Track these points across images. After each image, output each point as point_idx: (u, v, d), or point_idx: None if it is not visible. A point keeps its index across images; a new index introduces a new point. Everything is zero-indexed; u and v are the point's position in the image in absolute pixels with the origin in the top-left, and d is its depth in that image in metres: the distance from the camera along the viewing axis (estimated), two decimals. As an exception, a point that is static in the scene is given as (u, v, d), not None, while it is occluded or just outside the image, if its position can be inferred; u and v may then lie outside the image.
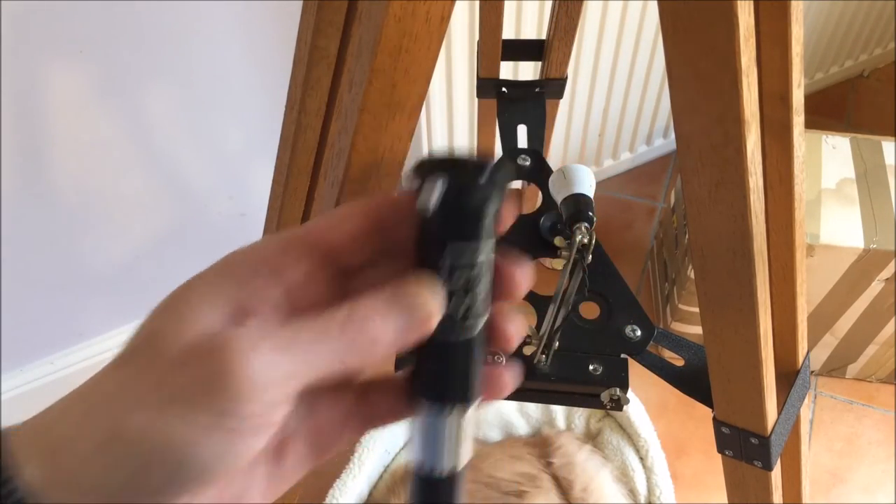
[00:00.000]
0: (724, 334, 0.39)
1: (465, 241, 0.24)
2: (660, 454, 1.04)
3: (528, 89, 0.68)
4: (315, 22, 0.39)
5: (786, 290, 0.44)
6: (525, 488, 0.97)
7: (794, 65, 0.35)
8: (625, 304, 0.49)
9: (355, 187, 0.35)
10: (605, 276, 0.50)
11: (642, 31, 1.23)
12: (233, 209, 1.16)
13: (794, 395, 0.47)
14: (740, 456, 0.47)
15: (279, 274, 0.25)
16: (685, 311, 1.21)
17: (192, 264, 1.02)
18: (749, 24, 0.28)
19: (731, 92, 0.29)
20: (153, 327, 0.24)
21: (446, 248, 0.24)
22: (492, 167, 0.23)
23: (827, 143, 1.14)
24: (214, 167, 1.09)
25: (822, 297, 1.11)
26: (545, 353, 0.46)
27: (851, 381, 1.29)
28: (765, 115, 0.36)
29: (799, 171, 0.39)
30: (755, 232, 0.33)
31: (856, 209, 1.05)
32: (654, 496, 1.02)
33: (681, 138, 0.32)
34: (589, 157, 1.47)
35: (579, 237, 0.46)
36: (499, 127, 0.65)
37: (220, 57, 0.96)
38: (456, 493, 0.27)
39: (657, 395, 1.24)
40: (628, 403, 0.55)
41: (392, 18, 0.29)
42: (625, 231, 1.50)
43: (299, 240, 0.26)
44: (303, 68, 0.41)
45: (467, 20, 1.00)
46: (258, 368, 0.22)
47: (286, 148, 0.45)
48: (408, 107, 0.33)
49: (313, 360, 0.22)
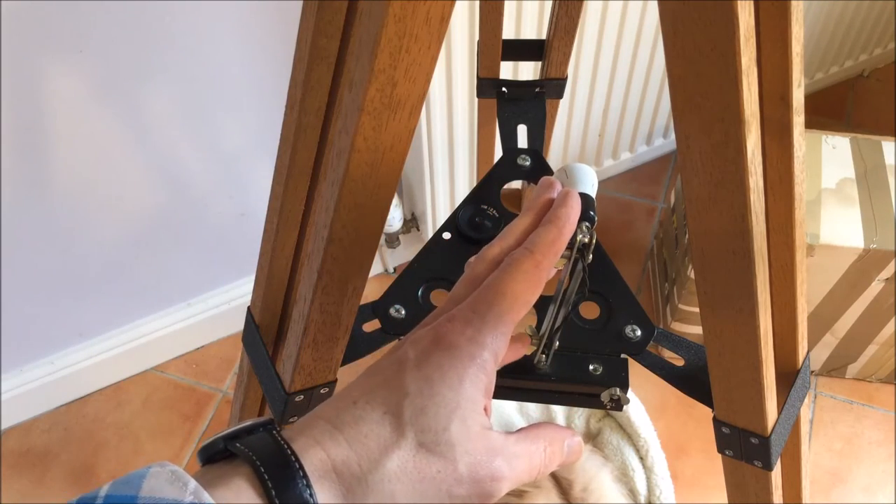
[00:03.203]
0: (724, 334, 0.39)
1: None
2: (660, 454, 1.04)
3: (528, 89, 0.68)
4: (315, 22, 0.39)
5: (786, 290, 0.44)
6: (525, 488, 0.97)
7: (794, 65, 0.35)
8: (625, 304, 0.49)
9: (355, 187, 0.35)
10: (605, 276, 0.50)
11: (642, 31, 1.23)
12: (233, 209, 1.16)
13: (794, 395, 0.47)
14: (740, 456, 0.47)
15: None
16: (685, 311, 1.21)
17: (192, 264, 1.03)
18: (749, 24, 0.28)
19: (731, 92, 0.29)
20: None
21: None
22: None
23: (827, 143, 1.14)
24: (214, 167, 1.09)
25: (822, 297, 1.11)
26: (545, 353, 0.46)
27: (851, 381, 1.29)
28: (765, 115, 0.36)
29: (799, 171, 0.39)
30: (755, 232, 0.33)
31: (856, 209, 1.05)
32: (654, 496, 1.02)
33: (681, 138, 0.32)
34: (589, 157, 1.47)
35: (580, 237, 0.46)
36: (499, 127, 0.65)
37: (220, 57, 0.96)
38: None
39: (657, 395, 1.24)
40: (628, 403, 0.55)
41: (392, 18, 0.29)
42: (625, 231, 1.50)
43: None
44: (303, 68, 0.41)
45: (467, 20, 1.00)
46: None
47: (286, 148, 0.45)
48: (408, 107, 0.33)
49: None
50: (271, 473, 0.28)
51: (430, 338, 0.32)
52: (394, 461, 0.29)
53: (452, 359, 0.31)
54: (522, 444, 0.33)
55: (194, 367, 1.31)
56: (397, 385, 0.31)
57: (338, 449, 0.29)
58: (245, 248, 1.20)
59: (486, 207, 0.55)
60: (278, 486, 0.28)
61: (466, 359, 0.31)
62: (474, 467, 0.30)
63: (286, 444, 0.29)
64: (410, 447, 0.29)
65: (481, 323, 0.32)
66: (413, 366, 0.31)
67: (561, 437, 0.35)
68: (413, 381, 0.31)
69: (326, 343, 0.43)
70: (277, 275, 0.51)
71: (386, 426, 0.30)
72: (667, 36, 0.28)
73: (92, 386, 1.26)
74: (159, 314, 1.26)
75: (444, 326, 0.32)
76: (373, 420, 0.30)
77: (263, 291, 0.52)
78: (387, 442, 0.29)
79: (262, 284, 0.52)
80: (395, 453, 0.29)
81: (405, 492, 0.29)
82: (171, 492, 0.26)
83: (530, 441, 0.33)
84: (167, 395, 1.28)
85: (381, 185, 0.36)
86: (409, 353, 0.32)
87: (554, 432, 0.35)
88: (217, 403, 1.26)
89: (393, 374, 0.31)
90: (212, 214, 1.14)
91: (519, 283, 0.34)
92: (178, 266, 1.19)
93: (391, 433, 0.30)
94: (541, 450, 0.33)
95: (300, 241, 0.49)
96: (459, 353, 0.31)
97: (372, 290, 1.23)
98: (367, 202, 0.36)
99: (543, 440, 0.34)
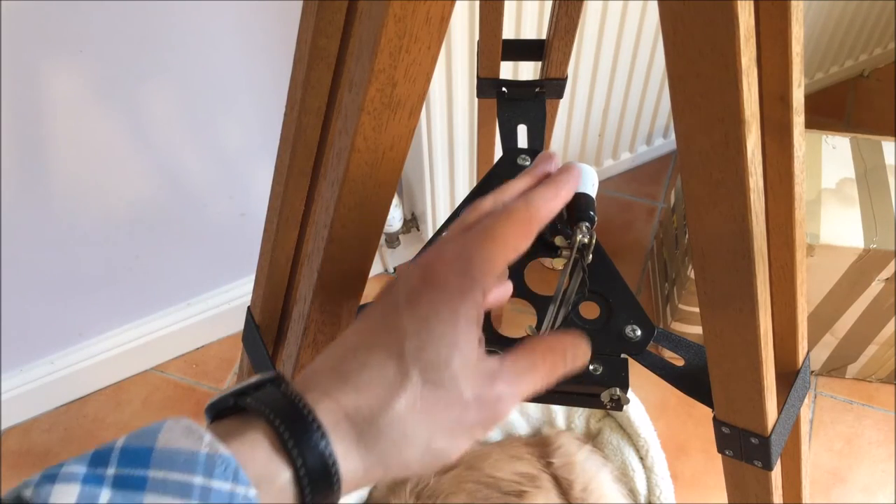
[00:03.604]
0: (724, 334, 0.39)
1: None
2: (660, 454, 1.04)
3: (528, 89, 0.68)
4: (315, 22, 0.39)
5: (786, 290, 0.44)
6: (525, 488, 0.97)
7: (794, 65, 0.35)
8: (625, 304, 0.49)
9: (355, 187, 0.35)
10: (605, 276, 0.50)
11: (642, 31, 1.23)
12: (233, 209, 1.16)
13: (794, 395, 0.47)
14: (740, 456, 0.47)
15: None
16: (685, 311, 1.21)
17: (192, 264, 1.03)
18: (749, 24, 0.28)
19: (731, 92, 0.29)
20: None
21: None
22: None
23: (827, 143, 1.14)
24: (214, 167, 1.09)
25: (822, 297, 1.11)
26: (545, 353, 0.46)
27: (851, 381, 1.29)
28: (765, 115, 0.36)
29: (799, 171, 0.39)
30: (755, 232, 0.33)
31: (856, 209, 1.05)
32: (654, 496, 1.02)
33: (681, 138, 0.32)
34: (589, 157, 1.47)
35: (580, 236, 0.46)
36: (499, 127, 0.65)
37: (220, 57, 0.96)
38: None
39: (657, 395, 1.24)
40: (628, 403, 0.55)
41: (392, 18, 0.29)
42: (625, 231, 1.50)
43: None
44: (303, 68, 0.41)
45: (467, 20, 1.00)
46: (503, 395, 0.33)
47: (286, 148, 0.45)
48: (408, 107, 0.33)
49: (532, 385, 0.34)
50: (286, 426, 0.28)
51: (420, 276, 0.33)
52: (402, 401, 0.30)
53: (444, 295, 0.32)
54: (521, 362, 0.33)
55: (194, 367, 1.31)
56: (394, 327, 0.32)
57: (347, 397, 0.30)
58: (245, 248, 1.20)
59: (486, 207, 0.55)
60: (294, 437, 0.28)
61: (457, 294, 0.32)
62: (479, 394, 0.31)
63: (298, 397, 0.30)
64: (416, 385, 0.30)
65: (469, 260, 0.32)
66: (406, 306, 0.32)
67: (560, 345, 0.35)
68: (409, 322, 0.31)
69: (326, 343, 0.43)
70: (277, 275, 0.51)
71: (390, 369, 0.31)
72: (667, 36, 0.28)
73: (92, 386, 1.26)
74: (159, 314, 1.26)
75: (434, 264, 0.33)
76: (376, 365, 0.31)
77: (263, 291, 0.52)
78: (393, 384, 0.30)
79: (262, 284, 0.52)
80: (402, 393, 0.30)
81: (417, 428, 0.30)
82: (187, 443, 0.27)
83: (527, 357, 0.34)
84: (167, 395, 1.28)
85: (381, 185, 0.36)
86: (401, 294, 0.33)
87: (552, 341, 0.35)
88: (217, 403, 1.26)
89: (388, 317, 0.32)
90: (212, 214, 1.14)
91: (510, 227, 0.34)
92: (178, 266, 1.19)
93: (395, 375, 0.30)
94: (539, 362, 0.34)
95: (300, 241, 0.50)
96: (450, 289, 0.32)
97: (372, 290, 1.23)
98: (367, 202, 0.36)
99: (540, 352, 0.34)
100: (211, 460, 0.26)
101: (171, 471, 0.26)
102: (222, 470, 0.26)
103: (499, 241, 0.33)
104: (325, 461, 0.29)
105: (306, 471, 0.28)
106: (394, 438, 0.30)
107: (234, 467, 0.27)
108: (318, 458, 0.29)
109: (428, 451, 0.31)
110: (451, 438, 0.31)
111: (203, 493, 0.26)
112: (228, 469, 0.27)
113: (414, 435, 0.30)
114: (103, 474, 0.26)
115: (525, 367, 0.33)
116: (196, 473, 0.26)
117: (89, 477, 0.25)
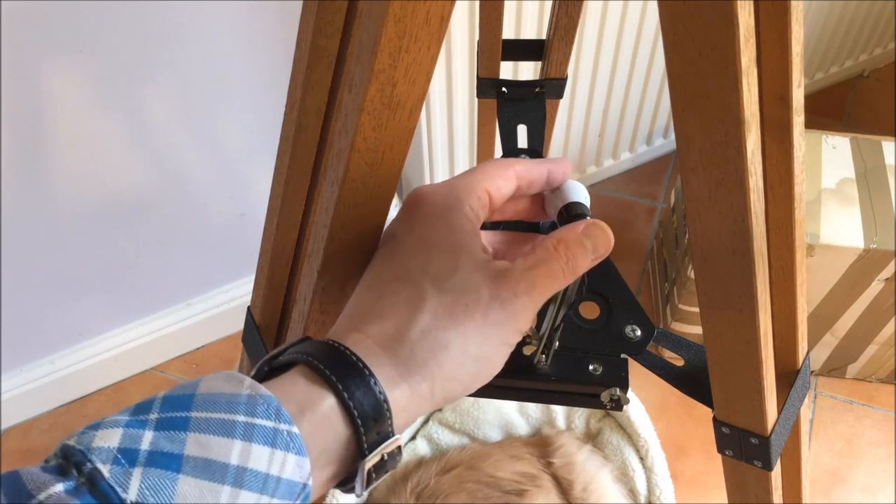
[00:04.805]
0: (724, 334, 0.39)
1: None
2: (660, 454, 1.04)
3: (528, 89, 0.68)
4: (315, 22, 0.39)
5: (786, 290, 0.44)
6: (525, 488, 0.97)
7: (794, 65, 0.35)
8: (625, 304, 0.49)
9: (355, 187, 0.35)
10: (605, 276, 0.50)
11: (642, 31, 1.23)
12: (233, 209, 1.16)
13: (794, 395, 0.47)
14: (740, 456, 0.47)
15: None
16: (685, 311, 1.21)
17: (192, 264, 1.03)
18: (749, 24, 0.28)
19: (731, 92, 0.29)
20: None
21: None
22: None
23: (827, 143, 1.14)
24: (214, 167, 1.09)
25: (822, 297, 1.11)
26: (545, 353, 0.46)
27: (851, 381, 1.29)
28: (765, 115, 0.36)
29: (799, 171, 0.39)
30: (755, 232, 0.33)
31: (856, 209, 1.05)
32: (654, 496, 1.02)
33: (681, 138, 0.32)
34: (589, 157, 1.47)
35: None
36: (499, 127, 0.65)
37: (220, 57, 0.96)
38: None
39: (657, 395, 1.24)
40: (628, 403, 0.55)
41: (392, 18, 0.29)
42: (625, 231, 1.50)
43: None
44: (303, 68, 0.41)
45: (467, 20, 1.00)
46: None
47: (286, 148, 0.45)
48: (408, 107, 0.33)
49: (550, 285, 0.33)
50: (320, 360, 0.29)
51: (409, 207, 0.35)
52: (425, 314, 0.31)
53: (436, 213, 0.33)
54: (532, 256, 0.34)
55: (194, 367, 1.31)
56: (398, 254, 0.33)
57: (372, 328, 0.31)
58: (245, 248, 1.20)
59: (486, 207, 0.55)
60: (330, 367, 0.29)
61: (447, 210, 0.33)
62: (495, 292, 0.32)
63: (327, 341, 0.30)
64: (432, 296, 0.31)
65: (452, 185, 0.35)
66: (403, 234, 0.34)
67: (574, 234, 0.35)
68: (410, 245, 0.33)
69: (326, 343, 0.43)
70: (277, 275, 0.51)
71: (404, 290, 0.32)
72: (667, 36, 0.28)
73: (92, 386, 1.26)
74: (159, 314, 1.26)
75: (419, 195, 0.35)
76: (390, 292, 0.32)
77: (263, 291, 0.52)
78: (411, 301, 0.31)
79: (262, 284, 0.52)
80: (422, 307, 0.31)
81: (447, 334, 0.31)
82: (228, 387, 0.27)
83: (539, 252, 0.34)
84: (167, 395, 1.28)
85: (381, 184, 0.36)
86: (396, 229, 0.34)
87: (563, 232, 0.35)
88: (217, 403, 1.26)
89: (390, 250, 0.34)
90: (212, 214, 1.14)
91: (489, 163, 0.36)
92: (178, 266, 1.19)
93: (411, 293, 0.31)
94: (553, 255, 0.34)
95: (300, 241, 0.49)
96: (440, 208, 0.34)
97: (372, 290, 1.23)
98: (366, 202, 0.36)
99: (552, 244, 0.34)
100: (252, 400, 0.27)
101: (213, 412, 0.26)
102: (265, 409, 0.27)
103: (478, 171, 0.35)
104: (367, 381, 0.29)
105: (349, 395, 0.28)
106: (428, 349, 0.30)
107: (275, 406, 0.27)
108: (359, 379, 0.29)
109: (466, 357, 0.31)
110: (483, 341, 0.31)
111: (246, 430, 0.26)
112: (270, 408, 0.27)
113: (446, 341, 0.31)
114: (146, 419, 0.26)
115: (539, 260, 0.33)
116: (238, 413, 0.26)
117: (132, 423, 0.26)
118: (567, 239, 0.34)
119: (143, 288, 1.20)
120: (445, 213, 0.33)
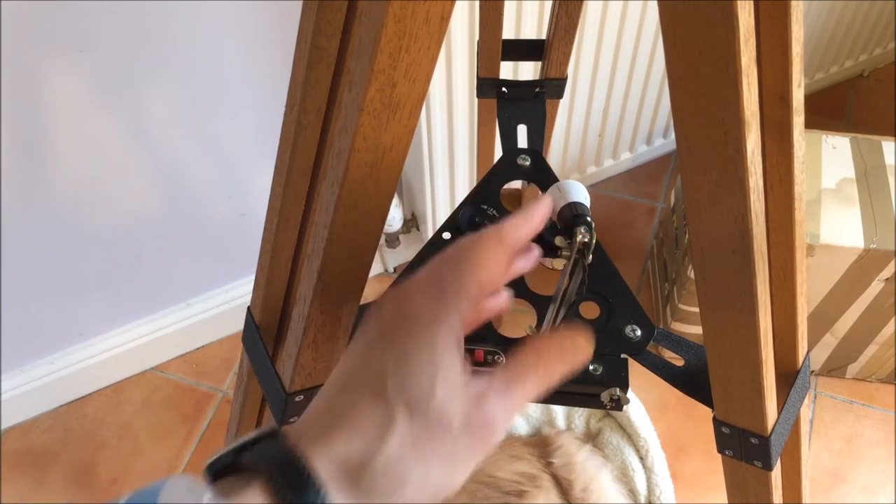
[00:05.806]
0: (724, 334, 0.39)
1: None
2: (660, 454, 1.04)
3: (528, 89, 0.68)
4: (315, 22, 0.39)
5: (786, 290, 0.44)
6: (525, 488, 0.97)
7: (794, 65, 0.35)
8: (625, 304, 0.49)
9: (355, 187, 0.35)
10: (605, 276, 0.50)
11: (642, 31, 1.23)
12: (233, 209, 1.16)
13: (794, 395, 0.47)
14: (740, 456, 0.47)
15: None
16: (685, 311, 1.21)
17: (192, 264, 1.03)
18: (749, 24, 0.28)
19: (731, 92, 0.29)
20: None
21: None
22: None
23: (827, 143, 1.14)
24: (214, 167, 1.09)
25: (822, 297, 1.11)
26: (545, 353, 0.46)
27: (851, 381, 1.29)
28: (765, 115, 0.36)
29: (799, 171, 0.39)
30: (755, 232, 0.33)
31: (856, 209, 1.05)
32: (654, 496, 1.02)
33: (681, 138, 0.32)
34: (589, 157, 1.47)
35: (579, 237, 0.46)
36: (499, 127, 0.65)
37: (220, 57, 0.96)
38: None
39: (657, 395, 1.24)
40: (628, 403, 0.55)
41: (392, 18, 0.29)
42: (625, 231, 1.50)
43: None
44: (303, 68, 0.41)
45: (467, 20, 1.00)
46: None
47: (286, 148, 0.45)
48: (408, 107, 0.33)
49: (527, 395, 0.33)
50: (284, 481, 0.29)
51: (393, 308, 0.33)
52: (394, 441, 0.30)
53: (419, 324, 0.32)
54: (510, 374, 0.32)
55: (194, 367, 1.31)
56: (375, 364, 0.31)
57: (340, 446, 0.30)
58: (245, 248, 1.20)
59: (486, 207, 0.55)
60: (293, 493, 0.28)
61: (433, 321, 0.32)
62: (468, 419, 0.31)
63: (294, 451, 0.30)
64: (404, 423, 0.30)
65: (441, 285, 0.32)
66: (384, 342, 0.32)
67: (556, 345, 0.34)
68: (388, 358, 0.31)
69: (326, 343, 0.43)
70: (277, 275, 0.51)
71: (377, 409, 0.30)
72: (667, 36, 0.28)
73: (92, 386, 1.26)
74: (159, 314, 1.26)
75: (406, 294, 0.33)
76: (363, 405, 0.31)
77: (263, 291, 0.52)
78: (381, 424, 0.30)
79: (262, 285, 0.52)
80: (392, 433, 0.30)
81: (411, 466, 0.30)
82: (189, 497, 0.27)
83: (516, 368, 0.33)
84: (167, 395, 1.28)
85: (381, 185, 0.36)
86: (377, 331, 0.33)
87: (544, 343, 0.34)
88: (217, 403, 1.26)
89: (368, 355, 0.32)
90: (212, 214, 1.14)
91: (480, 249, 0.34)
92: (178, 266, 1.19)
93: (383, 414, 0.30)
94: (531, 371, 0.33)
95: (300, 241, 0.49)
96: (425, 318, 0.32)
97: (372, 290, 1.23)
98: (366, 202, 0.36)
99: (532, 358, 0.33)
100: None
101: None
102: None
103: (469, 262, 0.33)
104: None
105: None
106: (389, 481, 0.30)
107: None
108: None
109: (426, 487, 0.31)
110: (447, 470, 0.31)
111: None
112: None
113: (409, 474, 0.30)
114: None
115: (516, 377, 0.33)
116: None
117: None
118: (549, 351, 0.34)
119: (143, 288, 1.20)
120: (429, 328, 0.31)
